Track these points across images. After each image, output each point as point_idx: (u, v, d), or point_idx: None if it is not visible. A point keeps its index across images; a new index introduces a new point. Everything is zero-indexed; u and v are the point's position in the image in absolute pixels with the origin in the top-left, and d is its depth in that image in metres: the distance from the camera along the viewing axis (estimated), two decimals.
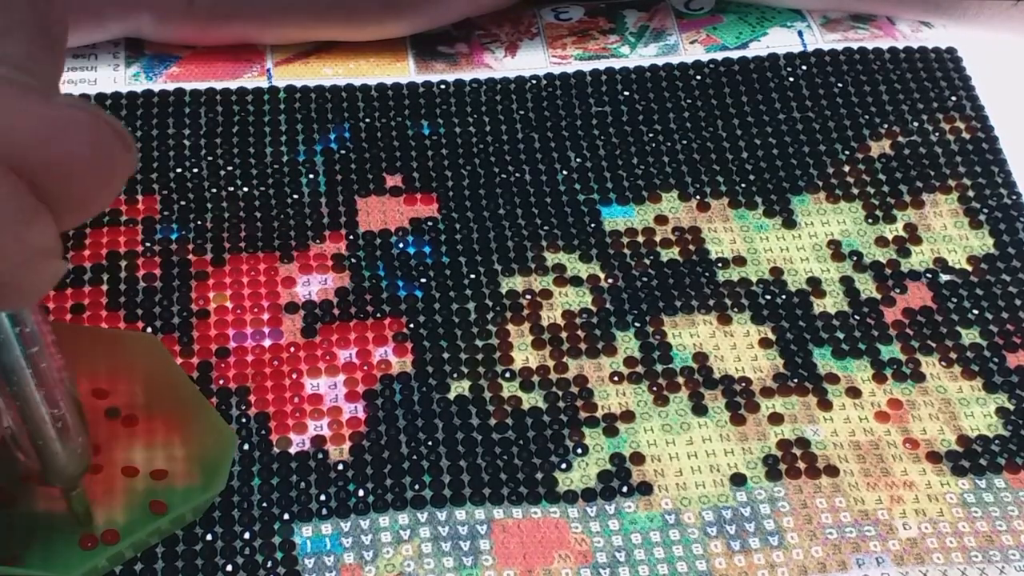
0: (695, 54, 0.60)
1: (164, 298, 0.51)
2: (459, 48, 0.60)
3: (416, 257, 0.53)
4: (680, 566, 0.45)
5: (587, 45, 0.61)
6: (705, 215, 0.55)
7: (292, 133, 0.57)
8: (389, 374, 0.50)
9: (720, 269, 0.53)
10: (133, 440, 0.47)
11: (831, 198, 0.55)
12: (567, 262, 0.53)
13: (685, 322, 0.51)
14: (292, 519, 0.46)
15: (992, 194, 0.55)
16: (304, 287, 0.52)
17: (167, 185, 0.55)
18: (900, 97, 0.59)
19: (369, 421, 0.48)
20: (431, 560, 0.45)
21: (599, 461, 0.48)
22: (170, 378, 0.48)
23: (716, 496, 0.47)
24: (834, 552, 0.45)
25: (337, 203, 0.55)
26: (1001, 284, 0.53)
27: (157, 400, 0.48)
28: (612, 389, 0.49)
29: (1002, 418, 0.49)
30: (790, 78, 0.59)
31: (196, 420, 0.47)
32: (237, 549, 0.45)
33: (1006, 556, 0.45)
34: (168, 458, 0.47)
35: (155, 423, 0.48)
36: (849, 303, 0.52)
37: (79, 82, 0.58)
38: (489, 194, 0.55)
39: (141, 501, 0.46)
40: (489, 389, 0.49)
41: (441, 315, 0.51)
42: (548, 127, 0.57)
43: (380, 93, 0.58)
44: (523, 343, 0.51)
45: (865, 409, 0.49)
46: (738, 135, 0.57)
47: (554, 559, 0.45)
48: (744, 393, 0.49)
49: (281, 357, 0.50)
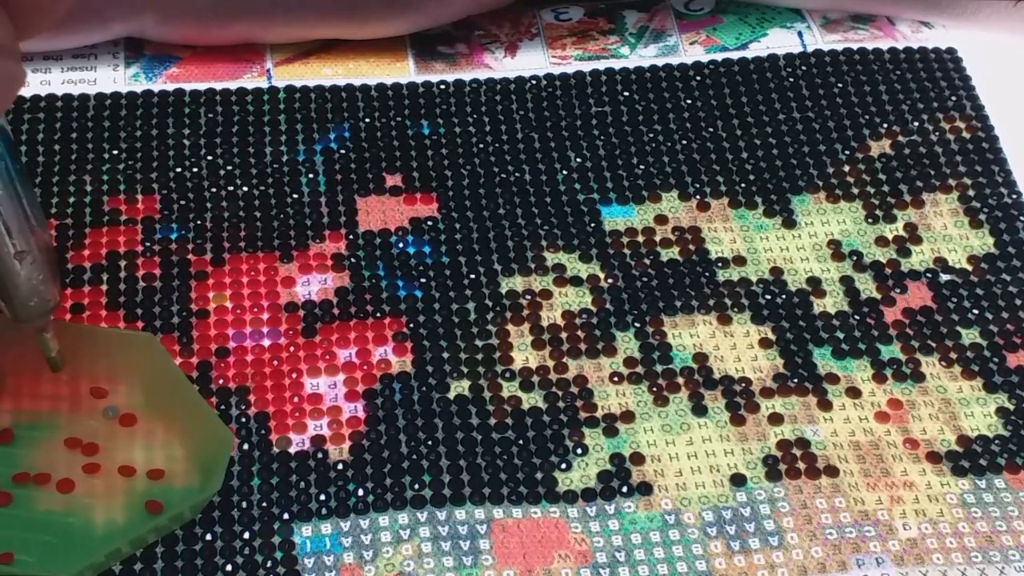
0: (695, 55, 0.60)
1: (164, 298, 0.51)
2: (459, 48, 0.60)
3: (416, 257, 0.53)
4: (680, 566, 0.45)
5: (587, 45, 0.61)
6: (705, 215, 0.55)
7: (292, 133, 0.57)
8: (389, 374, 0.50)
9: (720, 269, 0.53)
10: (132, 439, 0.47)
11: (831, 198, 0.55)
12: (567, 262, 0.53)
13: (685, 322, 0.51)
14: (292, 519, 0.46)
15: (992, 193, 0.55)
16: (304, 287, 0.52)
17: (167, 185, 0.55)
18: (900, 97, 0.58)
19: (369, 421, 0.48)
20: (431, 560, 0.45)
21: (599, 461, 0.48)
22: (168, 377, 0.48)
23: (716, 496, 0.47)
24: (834, 552, 0.45)
25: (337, 203, 0.55)
26: (1001, 284, 0.53)
27: (155, 399, 0.48)
28: (612, 389, 0.49)
29: (1002, 418, 0.49)
30: (790, 78, 0.59)
31: (194, 419, 0.47)
32: (237, 549, 0.45)
33: (1006, 556, 0.45)
34: (166, 457, 0.47)
35: (153, 422, 0.48)
36: (849, 303, 0.52)
37: (79, 82, 0.58)
38: (489, 194, 0.55)
39: (139, 500, 0.46)
40: (489, 389, 0.49)
41: (441, 315, 0.51)
42: (548, 127, 0.57)
43: (380, 93, 0.58)
44: (523, 343, 0.51)
45: (865, 409, 0.49)
46: (738, 135, 0.57)
47: (554, 559, 0.45)
48: (744, 393, 0.49)
49: (281, 357, 0.50)
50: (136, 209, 0.54)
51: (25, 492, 0.46)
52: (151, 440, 0.47)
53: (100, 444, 0.47)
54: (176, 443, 0.47)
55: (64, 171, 0.55)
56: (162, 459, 0.47)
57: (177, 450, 0.47)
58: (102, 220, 0.53)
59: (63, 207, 0.54)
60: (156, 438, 0.47)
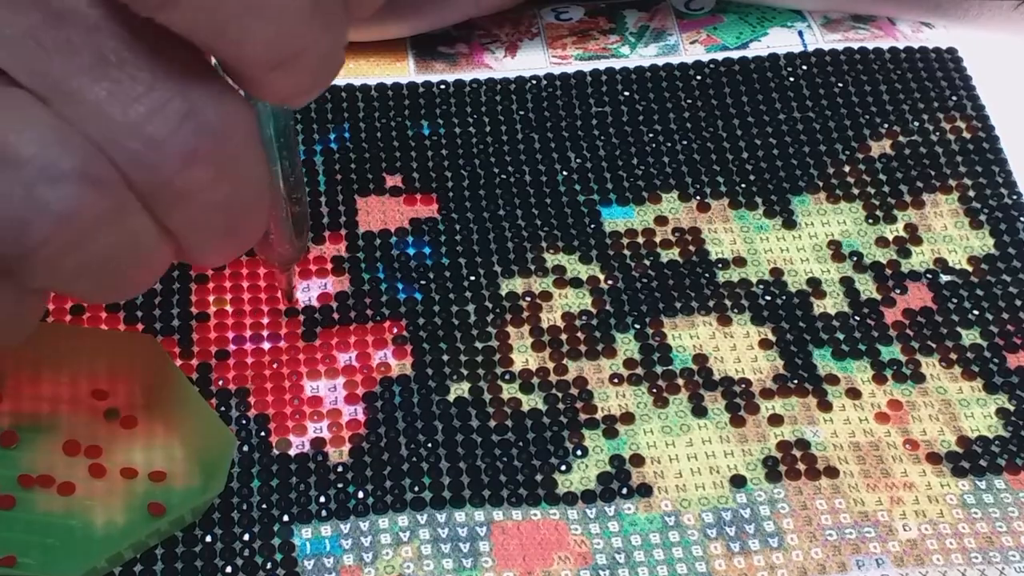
0: (695, 54, 0.60)
1: (164, 301, 0.51)
2: (459, 48, 0.60)
3: (416, 258, 0.53)
4: (680, 568, 0.45)
5: (587, 45, 0.60)
6: (705, 216, 0.55)
7: None
8: (389, 376, 0.50)
9: (720, 270, 0.53)
10: (132, 441, 0.47)
11: (831, 198, 0.55)
12: (567, 263, 0.53)
13: (685, 323, 0.51)
14: (291, 521, 0.46)
15: (993, 194, 0.55)
16: (304, 291, 0.52)
17: None
18: (900, 97, 0.58)
19: (369, 423, 0.48)
20: (430, 562, 0.45)
21: (599, 463, 0.48)
22: (169, 379, 0.48)
23: (716, 498, 0.47)
24: (834, 553, 0.45)
25: (337, 203, 0.55)
26: (1002, 284, 0.53)
27: (156, 401, 0.48)
28: (612, 391, 0.49)
29: (1002, 419, 0.49)
30: (790, 78, 0.59)
31: (195, 421, 0.47)
32: (236, 551, 0.45)
33: (1006, 557, 0.45)
34: (167, 459, 0.47)
35: (154, 424, 0.48)
36: (849, 304, 0.52)
37: None
38: (489, 194, 0.55)
39: (140, 503, 0.46)
40: (489, 391, 0.49)
41: (441, 317, 0.51)
42: (548, 127, 0.57)
43: (380, 93, 0.58)
44: (523, 345, 0.51)
45: (865, 410, 0.49)
46: (738, 135, 0.57)
47: (554, 561, 0.45)
48: (744, 394, 0.49)
49: (281, 359, 0.50)
50: None
51: (28, 495, 0.46)
52: (152, 442, 0.47)
53: (102, 447, 0.47)
54: (177, 445, 0.47)
55: None
56: (163, 460, 0.47)
57: (178, 452, 0.47)
58: None
59: None
60: (157, 440, 0.47)
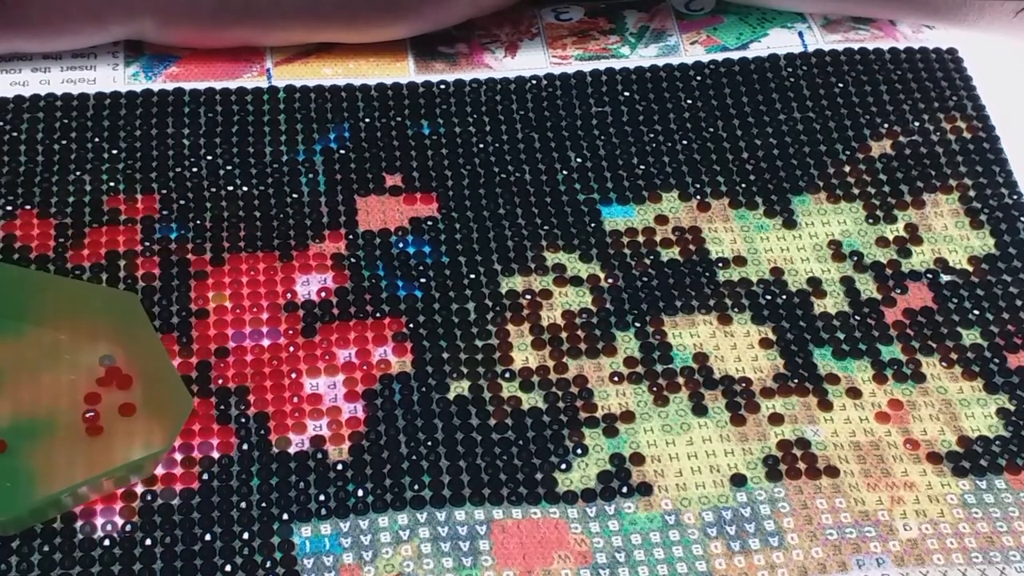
0: (695, 55, 0.60)
1: (163, 297, 0.51)
2: (459, 48, 0.60)
3: (416, 257, 0.53)
4: (680, 567, 0.45)
5: (587, 45, 0.60)
6: (705, 215, 0.55)
7: (292, 133, 0.57)
8: (389, 374, 0.49)
9: (720, 269, 0.53)
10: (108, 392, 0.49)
11: (831, 198, 0.55)
12: (567, 262, 0.53)
13: (685, 322, 0.51)
14: (291, 519, 0.46)
15: (993, 194, 0.55)
16: (304, 287, 0.52)
17: (166, 184, 0.55)
18: (901, 97, 0.58)
19: (368, 421, 0.48)
20: (430, 560, 0.45)
21: (599, 461, 0.48)
22: (144, 338, 0.49)
23: (716, 496, 0.47)
24: (834, 553, 0.45)
25: (337, 203, 0.54)
26: (1002, 284, 0.53)
27: (131, 357, 0.49)
28: (612, 389, 0.49)
29: (1003, 419, 0.49)
30: (790, 78, 0.59)
31: (159, 380, 0.48)
32: (236, 549, 0.45)
33: (1006, 557, 0.45)
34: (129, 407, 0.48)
35: (126, 378, 0.49)
36: (850, 303, 0.52)
37: (79, 81, 0.58)
38: (489, 194, 0.55)
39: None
40: (489, 389, 0.49)
41: (441, 315, 0.51)
42: (548, 127, 0.57)
43: (380, 93, 0.58)
44: (523, 343, 0.51)
45: (865, 409, 0.49)
46: (738, 135, 0.57)
47: (554, 559, 0.45)
48: (744, 393, 0.49)
49: (280, 357, 0.50)
50: (136, 208, 0.54)
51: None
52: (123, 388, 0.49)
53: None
54: (140, 398, 0.48)
55: (64, 170, 0.55)
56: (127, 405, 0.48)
57: (140, 401, 0.48)
58: (102, 219, 0.53)
59: (63, 206, 0.54)
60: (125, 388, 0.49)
